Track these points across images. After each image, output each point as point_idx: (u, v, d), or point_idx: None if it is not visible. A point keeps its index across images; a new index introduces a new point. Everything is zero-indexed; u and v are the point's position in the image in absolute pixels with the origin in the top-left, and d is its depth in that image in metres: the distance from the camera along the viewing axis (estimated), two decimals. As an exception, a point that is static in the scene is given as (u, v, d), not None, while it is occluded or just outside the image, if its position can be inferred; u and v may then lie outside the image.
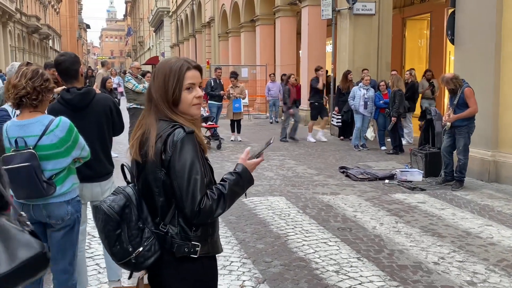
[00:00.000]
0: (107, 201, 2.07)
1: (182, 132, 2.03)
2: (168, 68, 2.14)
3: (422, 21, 18.68)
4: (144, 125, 2.13)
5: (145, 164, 2.10)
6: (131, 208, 2.07)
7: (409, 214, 6.44)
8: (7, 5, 35.59)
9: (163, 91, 2.11)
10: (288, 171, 9.17)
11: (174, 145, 2.01)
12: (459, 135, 7.69)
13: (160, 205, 2.09)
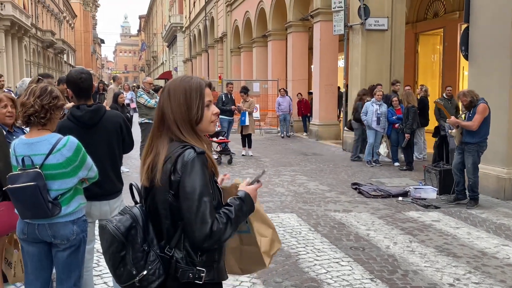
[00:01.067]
0: (113, 221, 2.01)
1: (193, 153, 1.98)
2: (188, 87, 2.09)
3: (435, 36, 18.60)
4: (155, 148, 2.07)
5: (153, 186, 2.05)
6: (137, 230, 2.00)
7: (423, 233, 6.31)
8: (23, 20, 36.12)
9: (184, 110, 2.06)
10: (299, 187, 9.08)
11: (184, 166, 1.96)
12: (468, 152, 7.57)
13: (166, 227, 2.03)
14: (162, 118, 2.08)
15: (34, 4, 45.31)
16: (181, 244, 2.01)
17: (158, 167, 2.00)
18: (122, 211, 2.08)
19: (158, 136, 2.09)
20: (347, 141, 14.06)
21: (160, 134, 2.08)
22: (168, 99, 2.09)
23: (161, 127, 2.09)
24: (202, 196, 1.94)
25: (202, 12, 37.64)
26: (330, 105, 17.08)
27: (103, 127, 3.67)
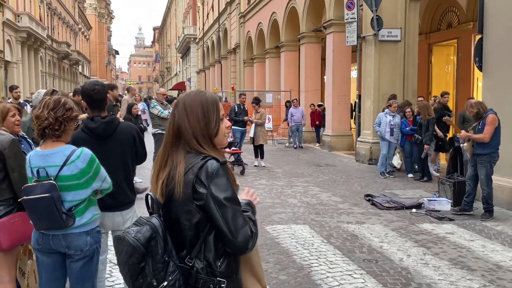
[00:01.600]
0: (131, 232, 1.99)
1: (216, 163, 2.01)
2: (205, 101, 2.12)
3: (449, 47, 18.51)
4: (171, 162, 2.08)
5: (170, 198, 2.05)
6: (157, 240, 1.99)
7: (437, 245, 6.24)
8: (39, 32, 36.64)
9: (203, 124, 2.09)
10: (312, 198, 9.05)
11: (211, 177, 1.97)
12: (480, 164, 7.52)
13: (189, 238, 2.03)
14: (178, 132, 2.10)
15: (50, 16, 45.97)
16: (202, 254, 2.01)
17: (177, 180, 2.01)
18: (137, 222, 2.07)
19: (173, 149, 2.10)
20: (360, 152, 14.01)
21: (176, 148, 2.09)
22: (184, 113, 2.10)
23: (176, 141, 2.10)
24: (234, 203, 1.98)
25: (216, 24, 37.92)
26: (343, 116, 17.05)
27: (116, 139, 3.71)
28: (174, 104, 2.22)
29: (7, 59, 31.08)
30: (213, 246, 2.02)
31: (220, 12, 36.25)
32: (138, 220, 2.07)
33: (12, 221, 3.44)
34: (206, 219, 2.00)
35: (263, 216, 7.62)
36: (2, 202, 3.48)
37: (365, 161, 13.61)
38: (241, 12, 30.29)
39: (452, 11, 17.70)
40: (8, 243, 3.43)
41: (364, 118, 14.17)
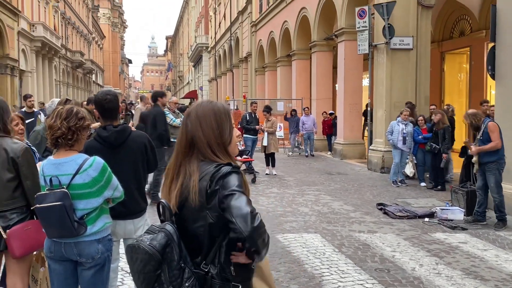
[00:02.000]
0: (145, 240, 2.01)
1: (229, 168, 2.04)
2: (217, 110, 2.16)
3: (462, 55, 18.43)
4: (184, 171, 2.10)
5: (183, 206, 2.07)
6: (172, 247, 2.01)
7: (450, 255, 6.18)
8: (53, 41, 37.08)
9: (218, 134, 2.12)
10: (323, 207, 9.02)
11: (221, 177, 2.00)
12: (488, 172, 7.48)
13: (204, 244, 2.05)
14: (191, 142, 2.12)
15: (64, 25, 46.52)
16: (217, 260, 2.03)
17: (192, 188, 2.03)
18: (150, 230, 2.08)
19: (186, 159, 2.12)
20: (372, 160, 13.95)
21: (189, 157, 2.11)
22: (198, 123, 2.13)
23: (189, 151, 2.12)
24: (242, 194, 1.97)
25: (227, 33, 38.11)
26: (355, 124, 17.01)
27: (128, 147, 3.75)
28: (185, 115, 2.24)
29: (22, 68, 31.47)
30: (228, 252, 2.04)
31: (232, 21, 36.45)
32: (150, 228, 2.09)
33: (25, 229, 3.47)
34: (220, 224, 2.01)
35: (274, 224, 7.61)
36: (16, 210, 3.52)
37: (377, 170, 13.55)
38: (252, 21, 30.43)
39: (465, 19, 17.65)
40: (21, 251, 3.47)
41: (376, 127, 14.12)
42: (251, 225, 1.90)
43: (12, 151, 3.48)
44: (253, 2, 30.71)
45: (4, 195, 3.48)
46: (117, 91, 79.66)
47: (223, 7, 42.20)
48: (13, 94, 28.80)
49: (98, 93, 4.01)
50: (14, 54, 29.47)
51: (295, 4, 21.82)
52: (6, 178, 3.47)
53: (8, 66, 28.17)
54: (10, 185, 3.49)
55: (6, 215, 3.48)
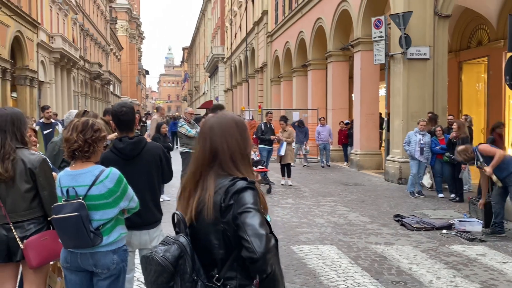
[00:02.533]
0: (159, 251, 2.01)
1: (244, 182, 2.03)
2: (238, 121, 2.18)
3: (479, 65, 18.26)
4: (202, 184, 2.09)
5: (198, 218, 2.07)
6: (185, 259, 2.00)
7: (468, 267, 6.09)
8: (72, 52, 37.63)
9: (242, 147, 2.13)
10: (339, 218, 8.95)
11: (237, 192, 1.99)
12: (510, 184, 7.43)
13: (220, 257, 2.04)
14: (214, 155, 2.11)
15: (82, 37, 47.21)
16: (231, 273, 2.02)
17: (207, 202, 2.03)
18: (164, 241, 2.08)
19: (204, 173, 2.11)
20: (389, 171, 13.83)
21: (209, 171, 2.10)
22: (222, 135, 2.12)
23: (211, 164, 2.11)
24: (257, 212, 1.95)
25: (243, 43, 38.31)
26: (372, 134, 16.89)
27: (143, 159, 3.78)
28: (207, 127, 2.19)
29: (41, 79, 31.96)
30: (242, 266, 2.03)
31: (247, 32, 36.64)
32: (165, 240, 2.08)
33: (42, 239, 3.51)
34: (236, 238, 2.00)
35: (290, 236, 7.57)
36: (33, 220, 3.56)
37: (395, 181, 13.43)
38: (268, 31, 30.55)
39: (482, 29, 17.50)
40: (37, 261, 3.50)
41: (393, 137, 14.02)
42: (265, 246, 1.89)
43: (30, 162, 3.52)
44: (269, 13, 30.85)
45: (22, 206, 3.52)
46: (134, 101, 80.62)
47: (239, 18, 42.46)
48: (32, 105, 29.23)
49: (115, 105, 4.06)
50: (33, 65, 29.96)
51: (311, 14, 21.86)
52: (24, 188, 3.52)
53: (28, 77, 28.63)
54: (27, 195, 3.53)
55: (24, 225, 3.52)
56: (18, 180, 3.50)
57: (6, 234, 3.49)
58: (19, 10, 26.80)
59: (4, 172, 3.43)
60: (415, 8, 13.21)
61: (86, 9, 49.46)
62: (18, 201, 3.51)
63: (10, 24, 25.69)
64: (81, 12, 46.04)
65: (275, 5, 29.46)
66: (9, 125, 3.55)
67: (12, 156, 3.48)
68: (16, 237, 3.48)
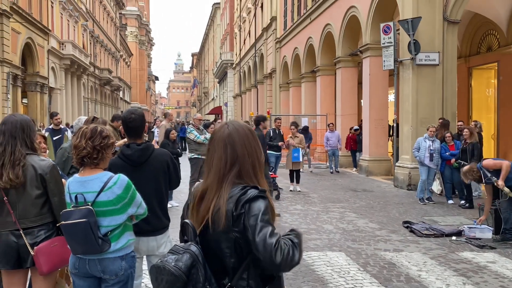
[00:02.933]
0: (170, 260, 1.99)
1: (256, 191, 2.03)
2: (251, 131, 2.18)
3: (489, 70, 18.15)
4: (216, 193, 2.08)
5: (208, 227, 2.06)
6: (197, 268, 1.99)
7: (478, 274, 6.03)
8: (82, 59, 37.94)
9: (259, 155, 2.15)
10: (348, 225, 8.92)
11: (248, 201, 2.00)
12: None
13: (231, 266, 2.03)
14: (234, 163, 2.10)
15: (93, 44, 47.59)
16: (243, 281, 2.02)
17: (221, 209, 2.03)
18: (173, 250, 2.06)
19: (220, 180, 2.10)
20: (399, 177, 13.77)
21: (226, 179, 2.09)
22: (242, 144, 2.13)
23: (228, 172, 2.10)
24: (267, 223, 1.97)
25: (252, 49, 38.40)
26: (381, 140, 16.83)
27: (151, 165, 3.80)
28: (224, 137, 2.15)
29: (51, 86, 32.23)
30: (254, 274, 2.03)
31: (256, 38, 36.73)
32: (174, 249, 2.07)
33: (52, 246, 3.51)
34: (247, 247, 2.01)
35: (298, 242, 7.54)
36: (43, 227, 3.57)
37: (404, 187, 13.36)
38: (277, 37, 30.61)
39: (492, 34, 17.41)
40: (48, 267, 3.51)
41: (403, 143, 13.97)
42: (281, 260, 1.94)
43: (40, 168, 3.55)
44: (277, 19, 30.92)
45: (32, 212, 3.54)
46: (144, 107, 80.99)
47: (248, 24, 42.59)
48: (43, 111, 29.48)
49: (125, 111, 4.09)
50: (44, 72, 30.23)
51: (320, 20, 21.88)
52: (34, 194, 3.53)
53: (38, 84, 28.89)
54: (38, 201, 3.55)
55: (34, 231, 3.54)
56: (29, 186, 3.52)
57: (16, 241, 3.51)
58: (30, 17, 27.09)
59: (15, 178, 3.46)
60: (424, 14, 13.19)
61: (96, 16, 49.87)
62: (29, 207, 3.53)
63: (21, 31, 25.97)
64: (91, 18, 46.43)
65: (284, 11, 29.54)
66: (19, 132, 3.58)
67: (22, 162, 3.50)
68: (26, 244, 3.49)
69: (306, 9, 24.07)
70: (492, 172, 7.67)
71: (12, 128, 3.57)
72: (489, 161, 7.87)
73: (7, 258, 3.52)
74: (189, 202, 2.24)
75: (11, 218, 3.50)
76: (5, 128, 3.57)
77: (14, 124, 3.59)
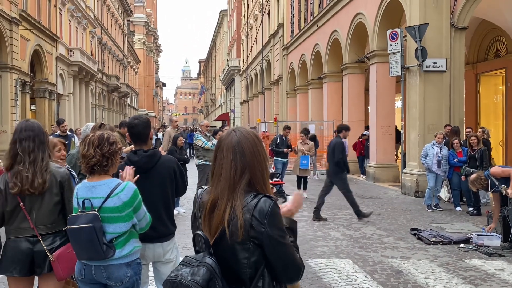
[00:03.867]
0: (185, 274, 1.95)
1: (269, 201, 2.02)
2: (258, 138, 2.18)
3: (497, 76, 18.09)
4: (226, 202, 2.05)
5: (223, 237, 2.03)
6: (215, 282, 1.95)
7: (486, 282, 5.98)
8: (90, 66, 38.16)
9: (266, 162, 2.17)
10: (355, 232, 8.88)
11: (267, 216, 1.99)
12: None
13: (248, 277, 2.02)
14: (245, 171, 2.08)
15: (100, 50, 47.87)
16: None
17: (239, 221, 1.99)
18: (186, 262, 2.02)
19: (231, 189, 2.07)
20: (406, 184, 13.71)
21: (237, 187, 2.07)
22: (252, 151, 2.11)
23: (239, 181, 2.08)
24: (287, 240, 2.04)
25: (259, 56, 38.48)
26: (388, 147, 16.78)
27: (157, 172, 3.80)
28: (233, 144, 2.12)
29: (60, 92, 32.42)
30: (269, 281, 2.03)
31: (263, 44, 36.81)
32: (186, 261, 2.03)
33: (68, 251, 3.52)
34: (263, 256, 2.01)
35: (305, 249, 7.53)
36: (58, 234, 3.57)
37: (411, 194, 13.30)
38: (284, 44, 30.66)
39: (500, 41, 17.36)
40: (65, 273, 3.53)
41: (410, 150, 13.92)
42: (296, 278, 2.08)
43: (60, 175, 3.57)
44: (284, 25, 30.99)
45: (51, 218, 3.55)
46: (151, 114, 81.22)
47: (255, 31, 42.70)
48: (51, 117, 29.63)
49: (131, 118, 4.11)
50: (52, 78, 30.43)
51: (327, 27, 21.91)
52: (54, 201, 3.55)
53: (47, 90, 29.07)
54: (56, 208, 3.57)
55: (51, 238, 3.55)
56: (48, 193, 3.52)
57: (31, 247, 3.51)
58: (39, 25, 27.30)
59: (42, 183, 3.46)
60: (431, 20, 13.17)
61: (105, 23, 50.20)
62: (47, 214, 3.54)
63: (30, 38, 26.17)
64: (100, 26, 46.73)
65: (290, 18, 29.60)
66: (45, 137, 3.62)
67: (49, 169, 3.52)
68: (45, 250, 3.49)
69: (313, 16, 24.12)
70: (500, 180, 7.63)
71: (40, 134, 3.59)
72: (497, 168, 7.83)
73: (20, 265, 3.51)
74: (196, 211, 2.20)
75: (27, 225, 3.50)
76: (34, 134, 3.56)
77: (38, 129, 3.60)
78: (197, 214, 2.18)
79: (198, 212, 2.17)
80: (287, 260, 2.02)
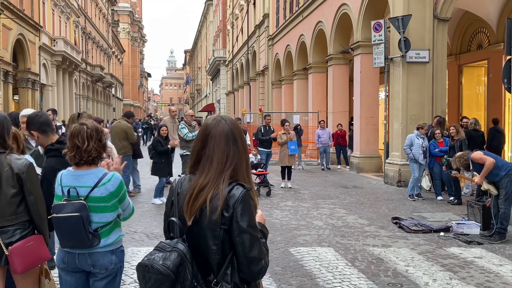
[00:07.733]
0: (157, 259, 2.01)
1: (242, 188, 2.06)
2: (239, 127, 2.21)
3: (480, 68, 18.28)
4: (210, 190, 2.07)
5: (196, 223, 2.07)
6: (185, 267, 2.01)
7: (464, 269, 6.11)
8: (74, 55, 37.73)
9: (247, 151, 2.21)
10: (337, 221, 8.98)
11: (237, 202, 2.03)
12: (502, 187, 7.51)
13: (216, 262, 2.05)
14: (232, 160, 2.12)
15: (84, 40, 47.34)
16: (229, 277, 2.05)
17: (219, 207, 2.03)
18: (160, 247, 2.07)
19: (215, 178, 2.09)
20: (389, 174, 13.86)
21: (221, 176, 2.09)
22: (240, 141, 2.17)
23: (228, 168, 2.11)
24: (254, 231, 2.05)
25: (245, 47, 38.40)
26: (371, 137, 16.93)
27: None
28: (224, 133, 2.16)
29: (43, 82, 32.05)
30: (237, 269, 2.07)
31: (249, 35, 36.72)
32: (160, 246, 2.08)
33: (27, 245, 3.46)
34: (230, 243, 2.05)
35: (288, 238, 7.61)
36: (18, 225, 3.53)
37: (394, 183, 13.46)
38: (269, 35, 30.62)
39: (482, 32, 17.53)
40: (22, 267, 3.46)
41: (393, 140, 14.05)
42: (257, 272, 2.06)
43: (17, 167, 3.49)
44: (270, 16, 30.94)
45: (8, 211, 3.49)
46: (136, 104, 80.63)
47: (240, 22, 42.56)
48: (34, 108, 29.29)
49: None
50: (35, 68, 30.07)
51: (312, 18, 21.93)
52: (10, 193, 3.48)
53: (30, 80, 28.73)
54: (14, 200, 3.50)
55: (10, 230, 3.49)
56: (5, 185, 3.47)
57: None
58: (21, 13, 26.91)
59: None
60: (414, 12, 13.27)
61: (88, 12, 49.61)
62: (4, 206, 3.48)
63: (13, 27, 25.80)
64: (83, 15, 46.18)
65: (276, 8, 29.56)
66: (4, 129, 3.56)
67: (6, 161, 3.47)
68: (1, 243, 3.44)
69: (298, 7, 24.11)
70: (476, 166, 7.71)
71: None
72: (478, 153, 7.79)
73: None
74: (173, 198, 2.20)
75: None
76: None
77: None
78: (175, 201, 2.19)
79: (176, 199, 2.19)
80: (250, 250, 2.01)
